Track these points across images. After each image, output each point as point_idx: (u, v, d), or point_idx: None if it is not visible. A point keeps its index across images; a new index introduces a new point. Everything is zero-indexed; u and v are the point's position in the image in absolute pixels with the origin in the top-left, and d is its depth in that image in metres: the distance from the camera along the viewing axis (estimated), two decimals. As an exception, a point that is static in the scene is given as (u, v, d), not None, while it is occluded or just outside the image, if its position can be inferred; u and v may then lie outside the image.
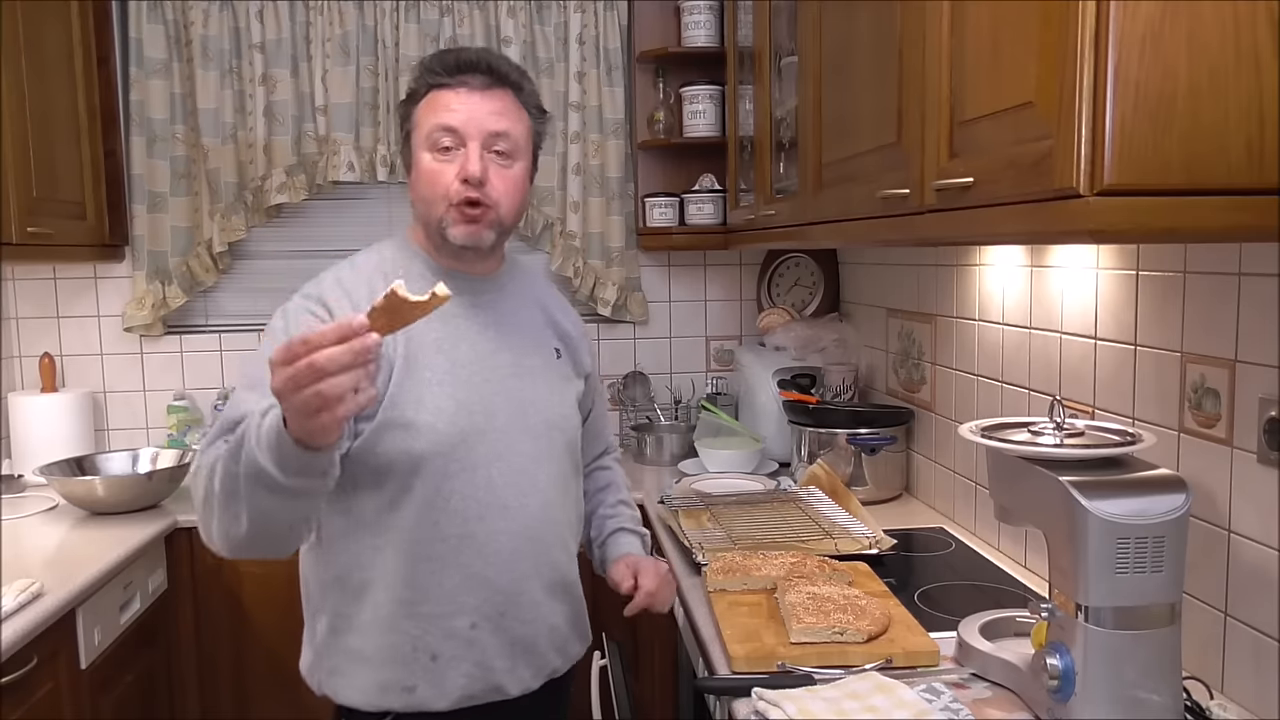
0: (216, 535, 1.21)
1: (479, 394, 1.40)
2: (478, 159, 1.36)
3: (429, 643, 1.37)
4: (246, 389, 1.29)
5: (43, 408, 2.66)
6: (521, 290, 1.55)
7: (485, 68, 1.39)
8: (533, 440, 1.44)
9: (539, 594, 1.44)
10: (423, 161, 1.39)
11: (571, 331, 1.60)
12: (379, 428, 1.34)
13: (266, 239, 2.94)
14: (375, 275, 1.42)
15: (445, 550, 1.37)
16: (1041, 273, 1.73)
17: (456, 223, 1.38)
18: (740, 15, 2.59)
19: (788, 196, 2.15)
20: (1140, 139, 0.93)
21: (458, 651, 1.38)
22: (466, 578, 1.38)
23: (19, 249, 2.23)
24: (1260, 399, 1.22)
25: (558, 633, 1.48)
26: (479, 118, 1.37)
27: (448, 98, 1.38)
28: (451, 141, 1.37)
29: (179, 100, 2.78)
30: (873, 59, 1.57)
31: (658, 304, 3.10)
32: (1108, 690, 1.12)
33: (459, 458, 1.37)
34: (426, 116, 1.39)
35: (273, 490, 1.10)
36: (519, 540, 1.41)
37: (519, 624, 1.42)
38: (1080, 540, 1.11)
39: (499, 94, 1.39)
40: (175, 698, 2.37)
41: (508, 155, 1.39)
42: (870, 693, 1.23)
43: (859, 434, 2.30)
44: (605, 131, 2.91)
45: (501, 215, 1.40)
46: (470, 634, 1.38)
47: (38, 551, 2.05)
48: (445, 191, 1.37)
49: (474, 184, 1.36)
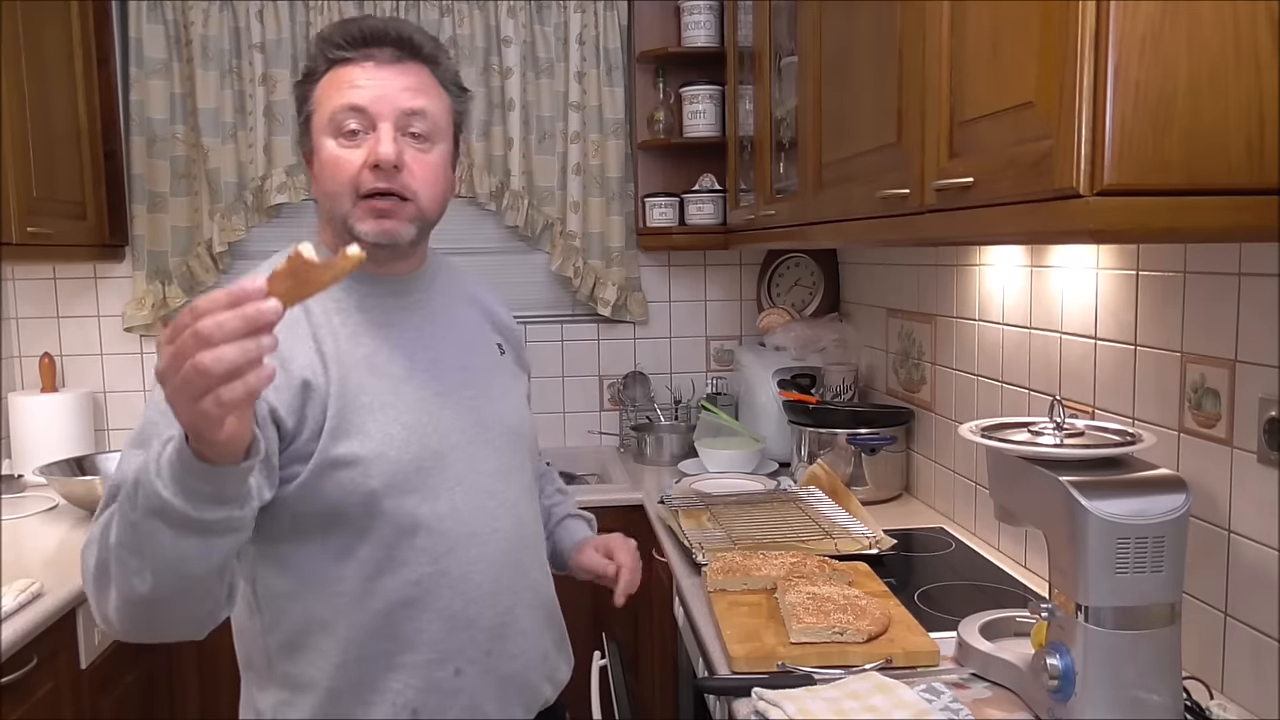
0: (114, 607, 0.99)
1: (427, 412, 1.22)
2: (390, 141, 1.16)
3: (409, 697, 1.20)
4: (136, 447, 1.09)
5: (43, 408, 2.66)
6: (450, 286, 1.37)
7: (394, 38, 1.19)
8: (495, 455, 1.28)
9: (526, 623, 1.29)
10: (325, 149, 1.19)
11: (509, 324, 1.44)
12: (320, 469, 1.14)
13: (266, 239, 2.94)
14: None
15: (419, 593, 1.19)
16: (1041, 273, 1.73)
17: (366, 217, 1.18)
18: (740, 15, 2.59)
19: (788, 196, 2.15)
20: (1140, 139, 0.93)
21: (442, 702, 1.21)
22: (446, 620, 1.21)
23: (19, 249, 2.23)
24: (1260, 399, 1.22)
25: (547, 661, 1.34)
26: (390, 95, 1.17)
27: (352, 74, 1.18)
28: (359, 124, 1.17)
29: (179, 100, 2.78)
30: (873, 59, 1.57)
31: (658, 304, 3.10)
32: (1108, 690, 1.12)
33: (415, 487, 1.19)
34: (328, 96, 1.19)
35: (180, 528, 0.90)
36: (497, 569, 1.25)
37: (508, 660, 1.27)
38: (1080, 540, 1.11)
39: (412, 68, 1.20)
40: (175, 698, 2.37)
41: (425, 138, 1.20)
42: (870, 693, 1.23)
43: (859, 434, 2.30)
44: (605, 131, 2.91)
45: (422, 207, 1.21)
46: (455, 682, 1.22)
47: (38, 551, 2.06)
48: (352, 182, 1.17)
49: (386, 170, 1.16)
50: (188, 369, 0.79)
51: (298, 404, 1.14)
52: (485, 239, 3.00)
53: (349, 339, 1.21)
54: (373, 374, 1.20)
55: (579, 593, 2.52)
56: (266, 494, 1.11)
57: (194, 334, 0.79)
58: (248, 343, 0.79)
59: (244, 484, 0.93)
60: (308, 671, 1.19)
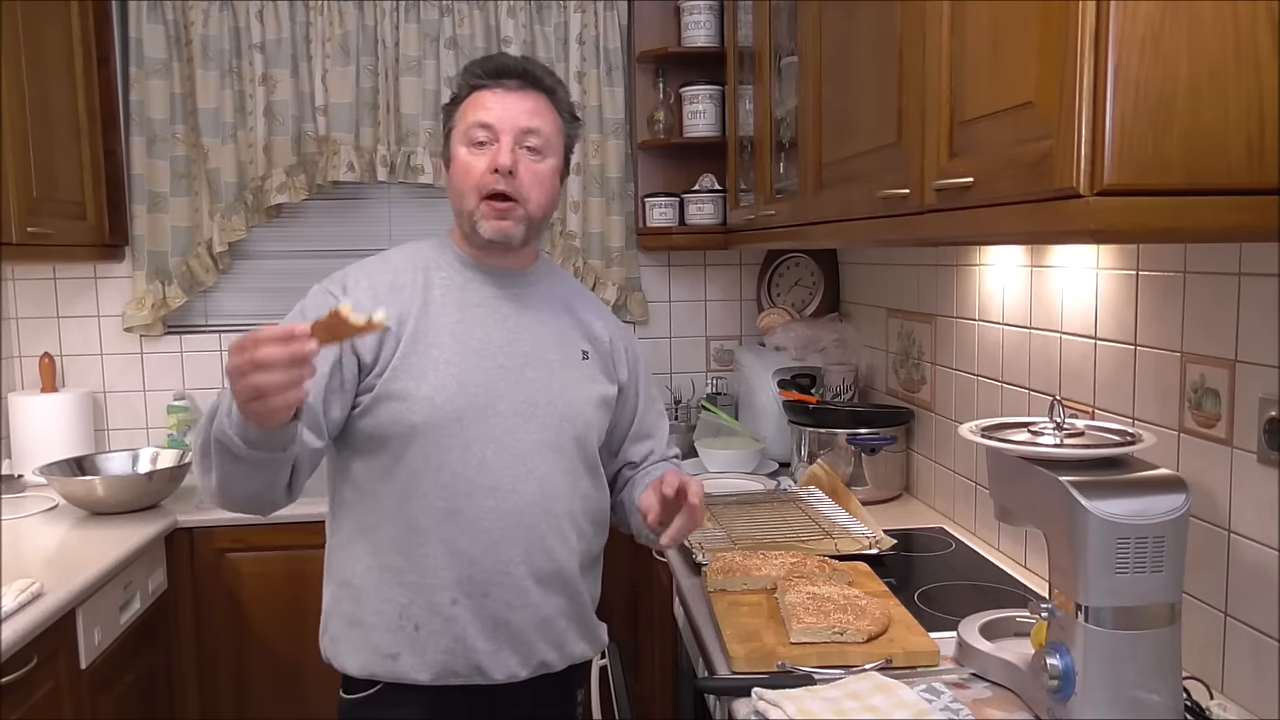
0: (201, 486, 1.32)
1: (485, 378, 1.43)
2: (509, 151, 1.42)
3: (413, 613, 1.40)
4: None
5: (43, 408, 2.66)
6: (552, 290, 1.57)
7: (521, 72, 1.47)
8: (538, 429, 1.45)
9: (526, 580, 1.43)
10: (459, 155, 1.45)
11: (603, 335, 1.58)
12: (378, 398, 1.39)
13: (266, 239, 2.94)
14: (404, 266, 1.48)
15: (430, 523, 1.40)
16: (1041, 273, 1.73)
17: (486, 217, 1.43)
18: (740, 15, 2.59)
19: (788, 196, 2.15)
20: (1140, 139, 0.93)
21: (438, 626, 1.40)
22: (449, 552, 1.40)
23: (19, 249, 2.23)
24: (1260, 399, 1.21)
25: (551, 626, 1.46)
26: (512, 114, 1.43)
27: (485, 97, 1.45)
28: (486, 136, 1.43)
29: (179, 100, 2.78)
30: (873, 59, 1.57)
31: (658, 304, 3.10)
32: (1108, 690, 1.12)
33: (453, 433, 1.40)
34: (466, 114, 1.46)
35: (234, 458, 1.21)
36: (507, 522, 1.42)
37: (503, 606, 1.42)
38: (1080, 540, 1.11)
39: (533, 95, 1.46)
40: (175, 698, 2.37)
41: (538, 151, 1.45)
42: (870, 693, 1.23)
43: (859, 434, 2.30)
44: (605, 131, 2.91)
45: (530, 210, 1.45)
46: (451, 609, 1.40)
47: (38, 551, 2.06)
48: (476, 183, 1.43)
49: (503, 174, 1.41)
50: (244, 384, 1.08)
51: (376, 344, 1.40)
52: (485, 239, 3.00)
53: (441, 305, 1.46)
54: (449, 335, 1.44)
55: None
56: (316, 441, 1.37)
57: (250, 359, 1.06)
58: (291, 371, 1.07)
59: (281, 438, 1.20)
60: (349, 569, 1.45)
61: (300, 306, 1.44)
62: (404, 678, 1.41)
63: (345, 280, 1.46)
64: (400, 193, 2.97)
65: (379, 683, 1.43)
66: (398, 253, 1.53)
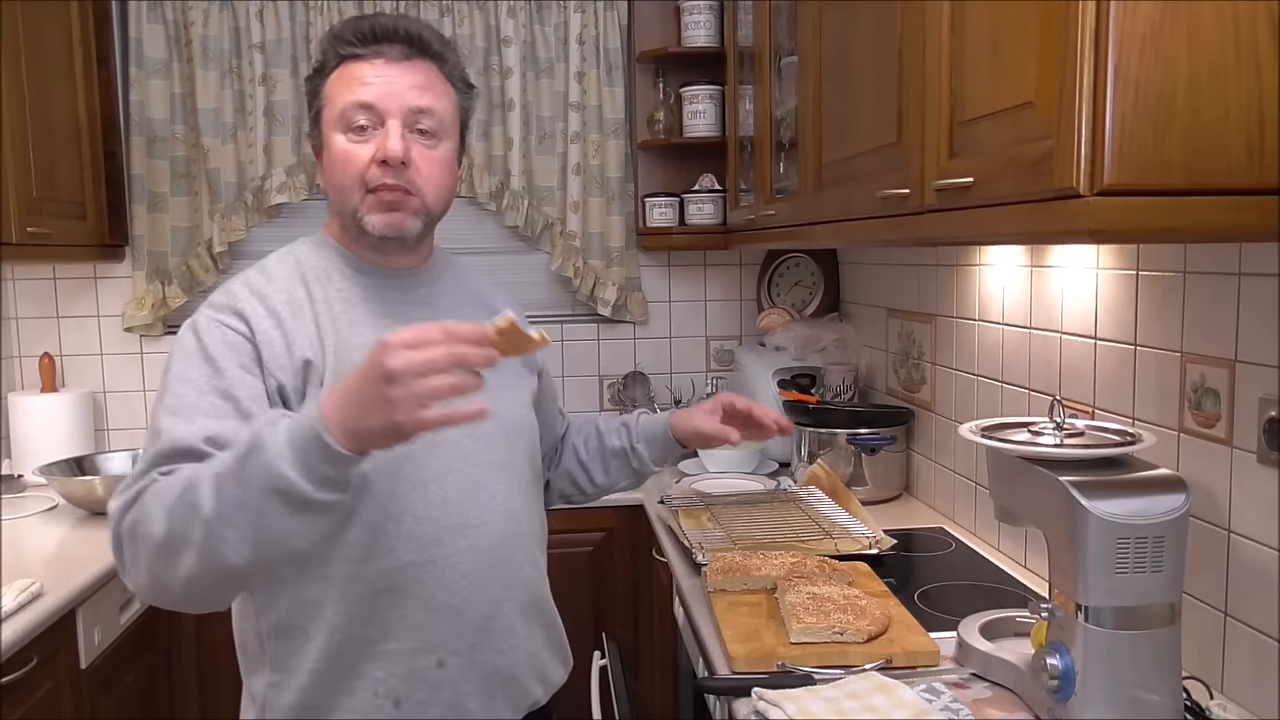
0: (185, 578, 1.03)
1: None
2: (398, 138, 1.20)
3: (391, 686, 1.21)
4: (177, 414, 1.12)
5: (43, 408, 2.66)
6: (456, 283, 1.39)
7: (404, 36, 1.23)
8: (488, 448, 1.28)
9: (513, 619, 1.29)
10: (335, 143, 1.22)
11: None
12: None
13: (266, 239, 2.94)
14: (292, 280, 1.26)
15: (403, 580, 1.20)
16: (1041, 273, 1.73)
17: (374, 210, 1.22)
18: (740, 15, 2.59)
19: (788, 196, 2.15)
20: (1140, 139, 0.93)
21: (424, 694, 1.22)
22: (430, 610, 1.21)
23: (19, 249, 2.23)
24: (1260, 399, 1.22)
25: (537, 661, 1.33)
26: (399, 92, 1.21)
27: (362, 70, 1.21)
28: (367, 120, 1.21)
29: (179, 100, 2.78)
30: (873, 59, 1.57)
31: (658, 304, 3.10)
32: (1108, 690, 1.12)
33: (406, 474, 1.20)
34: (338, 92, 1.22)
35: (295, 507, 0.98)
36: (484, 561, 1.25)
37: (495, 654, 1.26)
38: (1080, 540, 1.11)
39: (420, 65, 1.24)
40: (175, 698, 2.37)
41: (432, 135, 1.24)
42: (870, 693, 1.23)
43: (859, 434, 2.30)
44: (605, 131, 2.91)
45: (428, 202, 1.25)
46: (438, 673, 1.22)
47: (38, 551, 2.06)
48: (360, 176, 1.21)
49: (394, 166, 1.20)
50: (436, 382, 0.92)
51: (300, 383, 1.19)
52: (485, 239, 3.00)
53: (349, 326, 1.24)
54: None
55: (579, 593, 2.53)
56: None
57: (451, 353, 0.93)
58: (472, 379, 0.95)
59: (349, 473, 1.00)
60: (296, 654, 1.21)
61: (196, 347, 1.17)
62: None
63: (236, 305, 1.21)
64: (400, 193, 2.97)
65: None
66: (278, 263, 1.28)
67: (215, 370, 1.16)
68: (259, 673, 1.25)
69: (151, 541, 1.04)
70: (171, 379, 1.17)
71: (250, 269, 1.29)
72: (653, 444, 1.55)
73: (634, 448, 1.55)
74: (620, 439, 1.57)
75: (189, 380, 1.15)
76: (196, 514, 1.00)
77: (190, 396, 1.14)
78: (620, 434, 1.57)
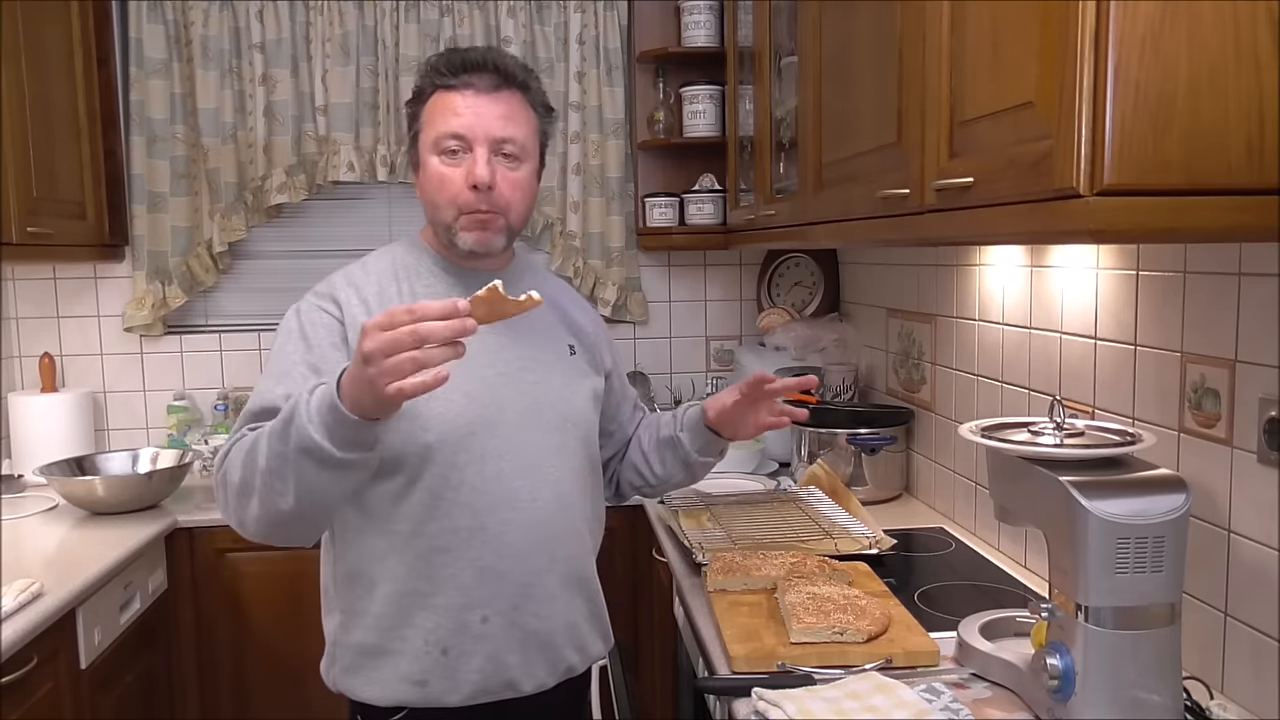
0: (253, 518, 1.25)
1: (489, 387, 1.40)
2: (485, 164, 1.36)
3: (440, 636, 1.37)
4: (272, 379, 1.34)
5: (43, 408, 2.66)
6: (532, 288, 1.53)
7: (491, 68, 1.39)
8: (545, 434, 1.44)
9: (554, 588, 1.42)
10: (430, 165, 1.40)
11: (587, 327, 1.59)
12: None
13: (266, 239, 2.94)
14: (386, 275, 1.44)
15: (456, 542, 1.36)
16: (1041, 273, 1.73)
17: (466, 229, 1.40)
18: (740, 15, 2.59)
19: (788, 196, 2.15)
20: (1140, 139, 0.93)
21: (469, 646, 1.37)
22: (478, 571, 1.37)
23: (19, 249, 2.23)
24: (1260, 399, 1.21)
25: (576, 630, 1.46)
26: (486, 123, 1.37)
27: (454, 101, 1.38)
28: (458, 145, 1.37)
29: (179, 100, 2.78)
30: (873, 59, 1.57)
31: (658, 304, 3.10)
32: (1108, 690, 1.12)
33: (468, 448, 1.37)
34: (434, 120, 1.39)
35: (323, 464, 1.15)
36: (531, 532, 1.40)
37: (534, 618, 1.40)
38: (1080, 540, 1.11)
39: (505, 96, 1.39)
40: (175, 698, 2.37)
41: (515, 158, 1.40)
42: (870, 693, 1.23)
43: (859, 434, 2.30)
44: (605, 131, 2.91)
45: (510, 220, 1.42)
46: (481, 628, 1.38)
47: (38, 551, 2.06)
48: (453, 198, 1.38)
49: (482, 190, 1.37)
50: (402, 359, 1.03)
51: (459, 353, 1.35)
52: (485, 239, 3.00)
53: None
54: None
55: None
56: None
57: (413, 331, 1.02)
58: (447, 349, 1.05)
59: (378, 436, 1.18)
60: (362, 598, 1.39)
61: (297, 324, 1.39)
62: (434, 702, 1.38)
63: (334, 293, 1.42)
64: (400, 193, 2.97)
65: (403, 709, 1.39)
66: (376, 260, 1.48)
67: (308, 346, 1.36)
68: (332, 613, 1.44)
69: (231, 486, 1.26)
70: (274, 352, 1.39)
71: (353, 263, 1.49)
72: (692, 431, 1.63)
73: (678, 435, 1.64)
74: (669, 428, 1.66)
75: (286, 354, 1.36)
76: (256, 466, 1.21)
77: (284, 366, 1.35)
78: (670, 423, 1.67)
